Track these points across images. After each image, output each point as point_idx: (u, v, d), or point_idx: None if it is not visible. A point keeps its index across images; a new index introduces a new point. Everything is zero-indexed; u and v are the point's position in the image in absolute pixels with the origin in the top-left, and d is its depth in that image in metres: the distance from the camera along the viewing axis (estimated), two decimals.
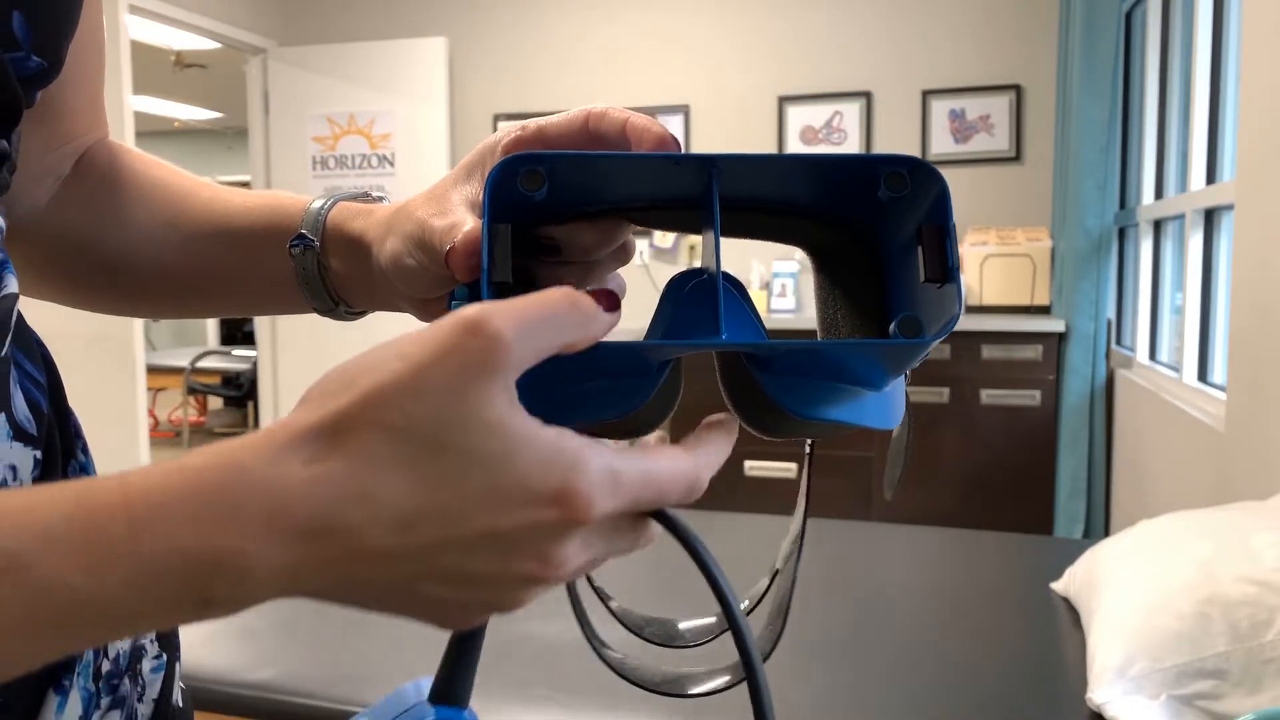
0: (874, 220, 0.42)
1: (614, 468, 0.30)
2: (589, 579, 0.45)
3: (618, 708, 1.36)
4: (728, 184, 0.40)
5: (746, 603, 0.47)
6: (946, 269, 0.38)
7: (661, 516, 0.35)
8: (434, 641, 0.37)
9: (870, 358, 0.39)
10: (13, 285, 0.41)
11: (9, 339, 0.40)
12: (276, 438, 0.28)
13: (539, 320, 0.30)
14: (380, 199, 0.52)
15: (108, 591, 0.25)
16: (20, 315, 0.43)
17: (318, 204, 0.52)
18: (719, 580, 0.35)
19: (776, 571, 0.47)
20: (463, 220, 0.42)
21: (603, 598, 0.46)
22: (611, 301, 0.34)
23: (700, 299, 0.39)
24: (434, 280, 0.45)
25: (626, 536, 0.33)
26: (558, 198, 0.40)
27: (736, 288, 0.40)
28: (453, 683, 0.39)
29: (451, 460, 0.28)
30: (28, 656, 0.26)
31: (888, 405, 0.41)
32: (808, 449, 0.47)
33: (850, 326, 0.45)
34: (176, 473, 0.27)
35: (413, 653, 1.55)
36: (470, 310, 0.29)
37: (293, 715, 1.43)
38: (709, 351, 0.39)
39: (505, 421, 0.29)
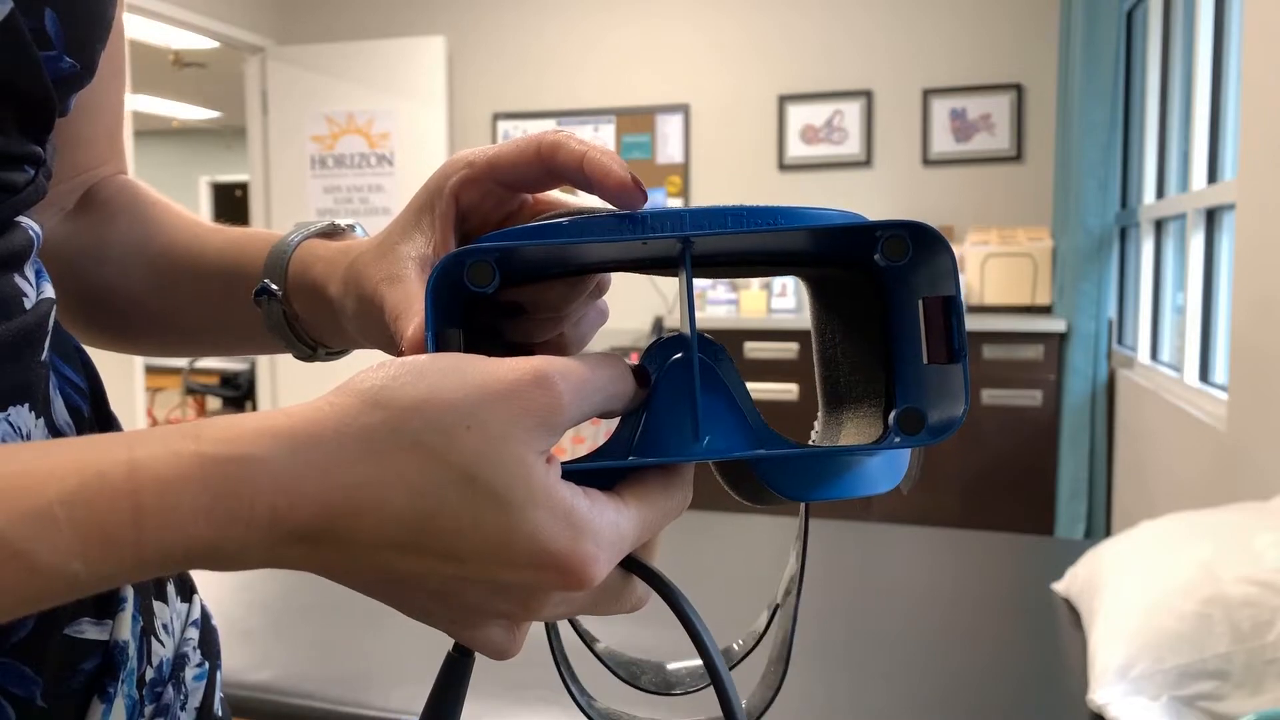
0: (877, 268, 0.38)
1: (620, 532, 0.31)
2: (573, 622, 0.42)
3: None
4: (706, 245, 0.36)
5: (740, 643, 0.44)
6: (951, 350, 0.34)
7: (645, 572, 0.34)
8: (433, 642, 0.36)
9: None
10: (49, 290, 0.41)
11: (47, 344, 0.40)
12: (302, 430, 0.28)
13: (594, 389, 0.32)
14: (351, 228, 0.49)
15: (107, 573, 0.26)
16: (58, 321, 0.42)
17: (282, 245, 0.48)
18: (704, 638, 0.34)
19: (777, 607, 0.43)
20: (412, 294, 0.38)
21: (588, 641, 0.43)
22: (643, 379, 0.35)
23: (677, 386, 0.35)
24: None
25: (612, 596, 0.34)
26: (514, 277, 0.37)
27: (718, 358, 0.36)
28: None
29: (475, 496, 0.28)
30: (9, 617, 0.26)
31: (892, 464, 0.38)
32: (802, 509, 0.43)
33: (851, 365, 0.40)
34: (189, 460, 0.27)
35: (410, 653, 1.55)
36: (539, 362, 0.30)
37: (291, 716, 1.43)
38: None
39: (533, 472, 0.29)
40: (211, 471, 0.27)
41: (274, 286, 0.47)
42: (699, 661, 0.42)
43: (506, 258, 0.35)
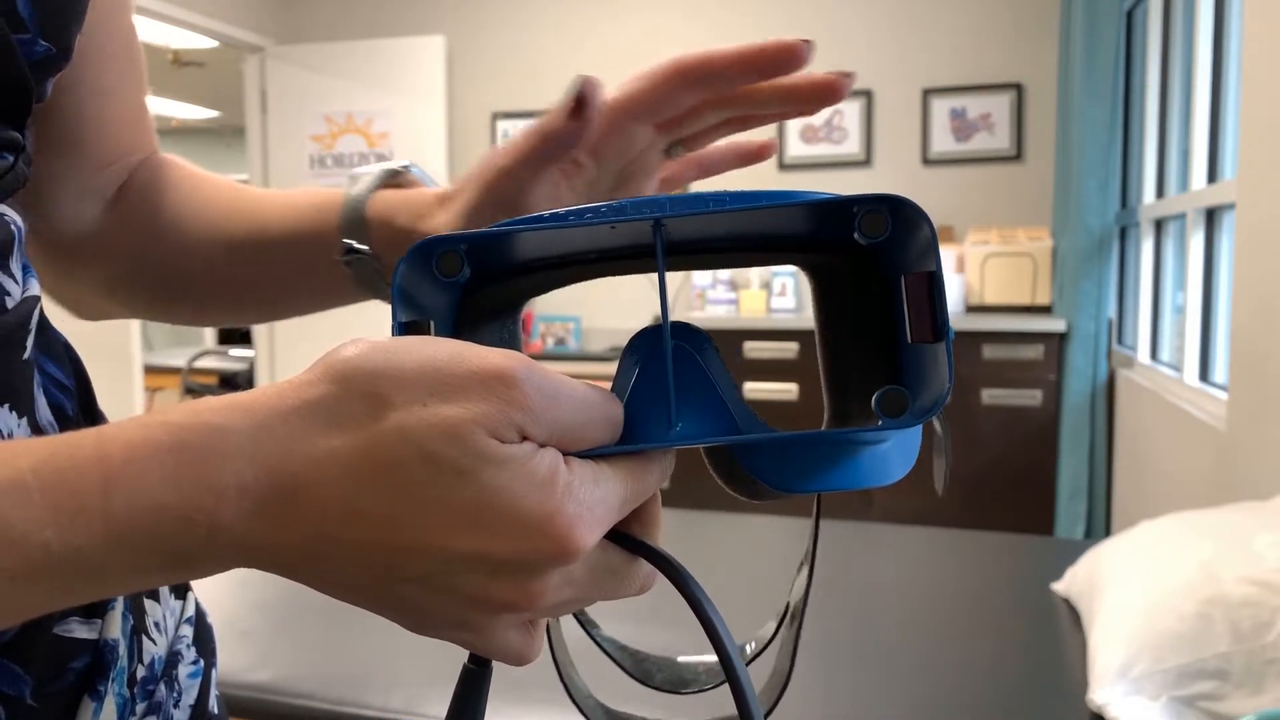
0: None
1: (604, 493, 0.30)
2: (576, 615, 0.41)
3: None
4: (685, 230, 0.35)
5: (752, 645, 0.43)
6: (935, 328, 0.33)
7: (651, 553, 0.34)
8: (431, 643, 0.36)
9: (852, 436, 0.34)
10: (34, 288, 0.41)
11: (31, 342, 0.40)
12: (263, 403, 0.28)
13: (575, 419, 0.30)
14: (406, 169, 0.52)
15: (79, 545, 0.26)
16: (44, 317, 0.42)
17: (353, 203, 0.49)
18: (719, 630, 0.33)
19: (788, 606, 0.42)
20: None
21: (588, 627, 0.42)
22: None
23: (657, 373, 0.34)
24: None
25: (618, 577, 0.33)
26: (488, 270, 0.36)
27: (700, 347, 0.35)
28: None
29: (441, 474, 0.28)
30: (4, 611, 0.26)
31: (892, 457, 0.36)
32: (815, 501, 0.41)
33: (855, 355, 0.39)
34: (156, 428, 0.27)
35: (411, 654, 1.55)
36: (510, 362, 0.29)
37: (291, 716, 1.43)
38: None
39: (501, 450, 0.28)
40: (178, 437, 0.27)
41: (360, 245, 0.49)
42: (714, 658, 0.41)
43: (479, 248, 0.34)
